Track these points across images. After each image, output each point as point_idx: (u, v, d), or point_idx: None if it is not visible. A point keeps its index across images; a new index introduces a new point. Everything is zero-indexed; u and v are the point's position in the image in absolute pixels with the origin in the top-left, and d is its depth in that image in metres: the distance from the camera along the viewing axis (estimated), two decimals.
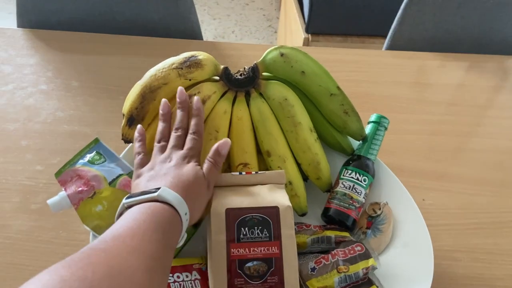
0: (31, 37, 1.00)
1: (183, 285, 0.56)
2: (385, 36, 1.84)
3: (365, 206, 0.67)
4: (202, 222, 0.64)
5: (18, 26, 1.05)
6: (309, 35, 1.88)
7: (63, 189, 0.59)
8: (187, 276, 0.57)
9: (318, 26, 1.86)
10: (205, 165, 0.56)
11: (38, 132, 0.81)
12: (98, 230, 0.59)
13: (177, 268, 0.57)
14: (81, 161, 0.62)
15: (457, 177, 0.81)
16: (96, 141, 0.65)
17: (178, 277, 0.57)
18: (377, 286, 0.57)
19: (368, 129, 0.70)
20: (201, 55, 0.67)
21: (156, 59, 0.66)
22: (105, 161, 0.63)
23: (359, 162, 0.67)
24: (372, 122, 0.70)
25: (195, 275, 0.58)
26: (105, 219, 0.58)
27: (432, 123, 0.91)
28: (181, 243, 0.50)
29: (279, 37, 2.43)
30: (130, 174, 0.62)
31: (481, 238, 0.72)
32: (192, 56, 0.66)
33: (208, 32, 2.58)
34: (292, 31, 2.06)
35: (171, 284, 0.55)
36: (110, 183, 0.60)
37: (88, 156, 0.63)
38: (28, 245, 0.65)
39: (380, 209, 0.66)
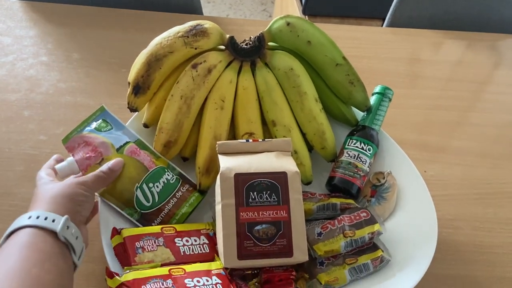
0: (29, 9, 0.98)
1: (192, 248, 0.57)
2: (382, 18, 1.84)
3: (369, 175, 0.68)
4: (209, 189, 0.65)
5: None
6: (306, 16, 1.87)
7: (70, 155, 0.59)
8: (195, 240, 0.58)
9: (315, 8, 1.85)
10: (94, 173, 0.56)
11: (40, 102, 0.80)
12: (106, 196, 0.59)
13: (185, 232, 0.58)
14: (88, 128, 0.61)
15: (458, 149, 0.82)
16: (102, 109, 0.64)
17: (187, 241, 0.57)
18: (382, 251, 0.58)
19: (372, 100, 0.70)
20: (207, 23, 0.67)
21: (156, 34, 0.66)
22: (111, 128, 0.62)
23: (363, 132, 0.68)
24: (377, 93, 0.70)
25: (203, 240, 0.58)
26: (114, 186, 0.59)
27: (432, 98, 0.92)
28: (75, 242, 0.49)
29: None
30: (136, 142, 0.63)
31: (481, 207, 0.73)
32: (198, 24, 0.66)
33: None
34: (288, 12, 2.04)
35: (180, 247, 0.56)
36: (117, 150, 0.60)
37: (95, 124, 0.62)
38: None
39: (384, 178, 0.67)
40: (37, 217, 0.46)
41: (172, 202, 0.61)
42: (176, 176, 0.63)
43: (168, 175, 0.62)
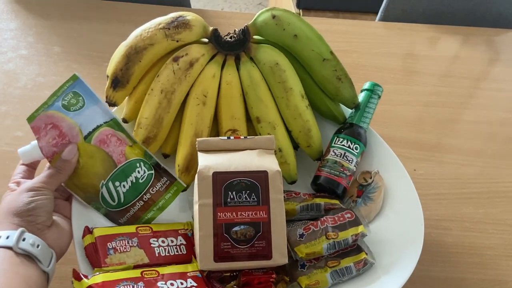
0: (11, 0, 0.96)
1: (168, 250, 0.55)
2: (377, 13, 1.82)
3: (356, 174, 0.65)
4: (189, 186, 0.62)
5: None
6: (300, 10, 1.84)
7: (36, 137, 0.54)
8: (172, 241, 0.56)
9: (309, 1, 1.83)
10: (45, 173, 0.53)
11: (17, 97, 0.77)
12: (73, 188, 0.56)
13: (161, 232, 0.56)
14: (56, 103, 0.55)
15: (449, 148, 0.80)
16: (75, 77, 0.56)
17: (163, 241, 0.55)
18: (366, 253, 0.56)
19: (361, 97, 0.68)
20: (190, 15, 0.64)
21: (139, 25, 0.64)
22: (83, 105, 0.55)
23: (351, 130, 0.66)
24: (366, 90, 0.68)
25: (180, 240, 0.56)
26: (79, 178, 0.56)
27: (424, 94, 0.90)
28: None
29: None
30: (110, 123, 0.57)
31: (472, 207, 0.71)
32: (180, 16, 0.63)
33: (195, 8, 2.52)
34: (282, 6, 2.02)
35: (155, 248, 0.54)
36: (85, 137, 0.56)
37: (65, 99, 0.55)
38: None
39: (371, 178, 0.65)
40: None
41: (138, 205, 0.57)
42: (149, 172, 0.57)
43: (139, 172, 0.57)
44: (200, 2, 2.58)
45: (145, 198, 0.57)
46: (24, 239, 0.47)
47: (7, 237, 0.46)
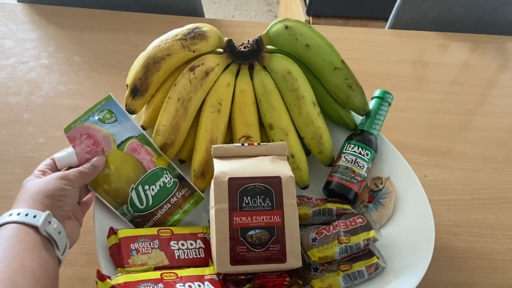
0: (31, 12, 0.99)
1: (187, 252, 0.57)
2: (387, 19, 1.83)
3: (367, 180, 0.67)
4: (204, 192, 0.64)
5: (18, 1, 1.04)
6: (310, 17, 1.86)
7: (71, 145, 0.58)
8: (191, 244, 0.58)
9: (319, 8, 1.85)
10: (77, 168, 0.56)
11: (40, 105, 0.80)
12: (101, 193, 0.58)
13: (181, 236, 0.58)
14: (92, 118, 0.60)
15: (459, 154, 0.81)
16: (109, 98, 0.61)
17: (183, 244, 0.57)
18: (377, 258, 0.57)
19: (371, 104, 0.69)
20: (205, 26, 0.66)
21: (156, 36, 0.66)
22: (116, 120, 0.60)
23: (362, 136, 0.67)
24: (376, 97, 0.69)
25: (199, 244, 0.58)
26: (110, 184, 0.58)
27: (434, 101, 0.91)
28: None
29: None
30: (139, 137, 0.61)
31: (482, 213, 0.72)
32: (196, 27, 0.66)
33: (207, 17, 2.56)
34: (292, 13, 2.04)
35: (175, 251, 0.56)
36: (118, 146, 0.59)
37: (100, 114, 0.60)
38: None
39: (382, 183, 0.66)
40: (18, 214, 0.47)
41: (165, 208, 0.60)
42: (174, 180, 0.62)
43: (166, 178, 0.61)
44: (211, 10, 2.62)
45: (172, 201, 0.61)
46: (49, 222, 0.48)
47: (34, 216, 0.47)
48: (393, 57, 1.00)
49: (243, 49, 0.67)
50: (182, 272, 0.53)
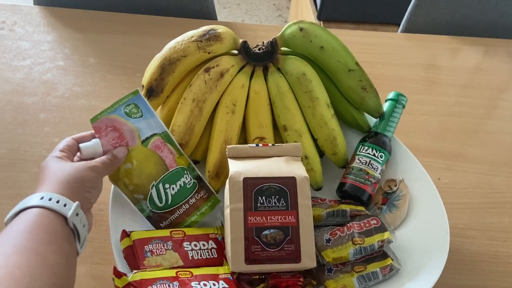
0: (47, 14, 1.01)
1: (200, 253, 0.57)
2: (398, 24, 1.82)
3: (380, 182, 0.67)
4: (218, 192, 0.65)
5: (34, 3, 1.05)
6: (321, 22, 1.87)
7: (97, 136, 0.57)
8: (203, 245, 0.58)
9: (330, 13, 1.85)
10: (101, 158, 0.54)
11: (56, 106, 0.81)
12: (121, 186, 0.59)
13: (193, 236, 0.58)
14: (118, 111, 0.58)
15: (473, 157, 0.81)
16: (136, 92, 0.60)
17: (196, 245, 0.57)
18: (392, 259, 0.57)
19: (385, 106, 0.70)
20: (221, 28, 0.67)
21: (170, 39, 0.67)
22: (141, 116, 0.59)
23: (376, 138, 0.67)
24: (390, 99, 0.70)
25: (211, 244, 0.58)
26: (131, 178, 0.58)
27: (447, 104, 0.91)
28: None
29: None
30: (162, 135, 0.60)
31: (496, 217, 0.72)
32: (212, 29, 0.67)
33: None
34: (303, 18, 2.05)
35: (188, 252, 0.56)
36: (143, 142, 0.59)
37: (126, 107, 0.59)
38: None
39: (396, 185, 0.66)
40: (49, 199, 0.45)
41: (184, 208, 0.61)
42: (194, 180, 0.62)
43: (186, 178, 0.61)
44: (221, 15, 2.63)
45: (191, 202, 0.61)
46: (77, 214, 0.46)
47: (65, 205, 0.46)
48: (405, 60, 1.00)
49: (258, 51, 0.68)
50: (197, 271, 0.53)
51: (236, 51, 0.68)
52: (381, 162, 0.66)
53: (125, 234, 0.56)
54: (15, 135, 0.76)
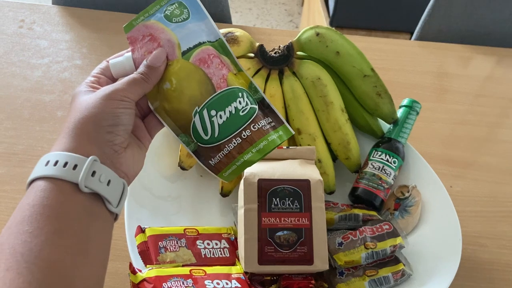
0: (65, 14, 1.02)
1: (213, 252, 0.58)
2: (410, 32, 1.83)
3: (393, 188, 0.67)
4: (231, 192, 0.65)
5: (53, 3, 1.07)
6: (333, 28, 1.88)
7: (130, 48, 0.46)
8: (216, 244, 0.59)
9: (342, 19, 1.86)
10: (127, 78, 0.43)
11: None
12: (161, 113, 0.46)
13: (206, 235, 0.59)
14: (158, 13, 0.46)
15: (485, 166, 0.81)
16: None
17: (208, 244, 0.58)
18: (404, 264, 0.57)
19: (399, 113, 0.70)
20: (238, 31, 0.68)
21: None
22: (187, 18, 0.45)
23: (389, 144, 0.68)
24: (404, 106, 0.70)
25: (224, 244, 0.59)
26: (170, 101, 0.45)
27: (460, 113, 0.91)
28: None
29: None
30: (214, 44, 0.46)
31: (508, 226, 0.72)
32: (229, 32, 0.68)
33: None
34: (315, 23, 2.06)
35: (201, 250, 0.57)
36: (183, 53, 0.45)
37: (168, 9, 0.46)
38: None
39: (408, 191, 0.66)
40: (55, 163, 0.37)
41: (235, 143, 0.45)
42: (252, 106, 0.45)
43: (242, 102, 0.45)
44: (233, 19, 2.65)
45: (244, 135, 0.45)
46: (94, 173, 0.37)
47: (75, 167, 0.36)
48: (418, 68, 1.00)
49: (274, 55, 0.68)
50: (210, 270, 0.54)
51: (252, 54, 0.69)
52: (394, 167, 0.66)
53: (140, 230, 0.57)
54: (32, 131, 0.77)
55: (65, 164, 0.37)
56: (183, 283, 0.50)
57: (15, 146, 0.75)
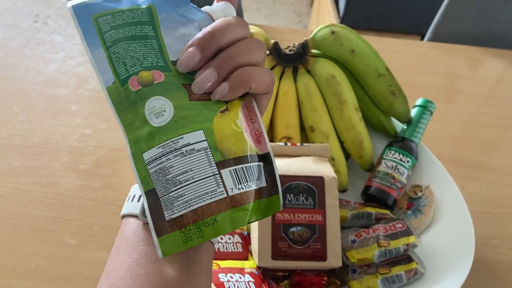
0: None
1: (226, 246, 0.58)
2: (421, 34, 1.82)
3: (406, 187, 0.67)
4: None
5: None
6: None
7: None
8: (229, 238, 0.59)
9: (353, 20, 1.86)
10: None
11: (87, 98, 0.83)
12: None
13: None
14: None
15: (498, 168, 0.81)
16: None
17: (222, 238, 0.58)
18: (416, 263, 0.57)
19: (413, 112, 0.70)
20: (253, 29, 0.68)
21: None
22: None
23: (403, 143, 0.68)
24: (418, 106, 0.70)
25: (237, 238, 0.59)
26: None
27: (471, 114, 0.91)
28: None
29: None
30: None
31: None
32: None
33: None
34: (325, 23, 2.06)
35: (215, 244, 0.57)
36: None
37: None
38: (76, 202, 0.68)
39: (421, 191, 0.66)
40: (132, 198, 0.32)
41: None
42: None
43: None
44: None
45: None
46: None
47: (133, 197, 0.30)
48: (429, 69, 1.00)
49: (289, 52, 0.69)
50: (224, 264, 0.54)
51: (267, 52, 0.69)
52: (407, 167, 0.66)
53: None
54: (47, 125, 0.78)
55: (133, 198, 0.34)
56: None
57: (29, 139, 0.76)
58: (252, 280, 0.53)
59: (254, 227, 0.56)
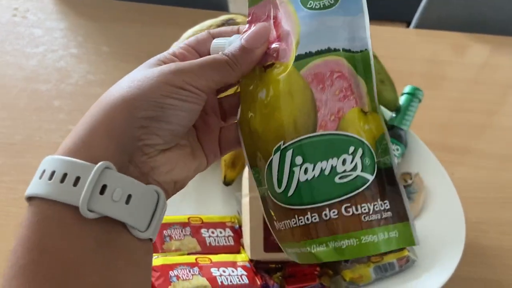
0: (59, 2, 1.00)
1: (217, 240, 0.57)
2: (406, 21, 1.82)
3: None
4: (234, 181, 0.65)
5: None
6: None
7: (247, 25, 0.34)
8: (220, 232, 0.58)
9: None
10: (206, 57, 0.30)
11: (70, 93, 0.81)
12: (245, 131, 0.32)
13: (210, 224, 0.59)
14: None
15: (485, 153, 0.81)
16: None
17: (213, 232, 0.58)
18: (408, 251, 0.58)
19: (402, 100, 0.70)
20: (239, 18, 0.67)
21: (184, 29, 0.67)
22: (329, 6, 0.31)
23: (392, 131, 0.67)
24: (407, 93, 0.70)
25: (228, 232, 0.59)
26: (256, 120, 0.31)
27: (457, 100, 0.91)
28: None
29: None
30: (356, 57, 0.30)
31: (510, 212, 0.72)
32: (230, 19, 0.66)
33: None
34: None
35: (206, 238, 0.57)
36: (297, 58, 0.30)
37: None
38: None
39: (411, 178, 0.66)
40: (50, 176, 0.26)
41: (308, 219, 0.30)
42: (360, 174, 0.29)
43: (346, 162, 0.29)
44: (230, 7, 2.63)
45: (326, 216, 0.29)
46: (104, 188, 0.26)
47: (76, 181, 0.25)
48: (414, 55, 1.00)
49: None
50: (216, 258, 0.54)
51: None
52: (397, 155, 0.66)
53: None
54: (29, 121, 0.76)
55: (64, 177, 0.25)
56: (189, 271, 0.50)
57: (12, 137, 0.74)
58: (245, 273, 0.53)
59: (246, 220, 0.55)
